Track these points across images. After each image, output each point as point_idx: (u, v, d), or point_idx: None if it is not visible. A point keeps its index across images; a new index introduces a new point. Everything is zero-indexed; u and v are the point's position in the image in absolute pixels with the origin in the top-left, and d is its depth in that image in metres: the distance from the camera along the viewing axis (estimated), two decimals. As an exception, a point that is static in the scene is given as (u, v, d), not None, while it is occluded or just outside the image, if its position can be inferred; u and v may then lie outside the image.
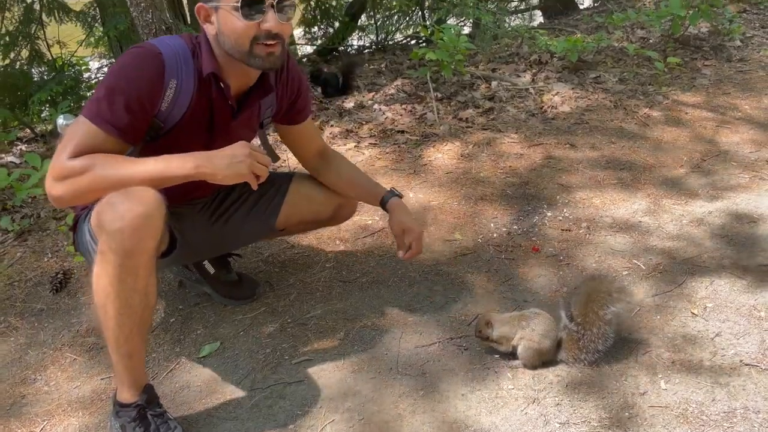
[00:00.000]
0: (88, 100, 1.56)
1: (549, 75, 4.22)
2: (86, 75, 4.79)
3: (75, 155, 1.50)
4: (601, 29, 5.16)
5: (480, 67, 4.46)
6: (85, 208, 1.76)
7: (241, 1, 1.51)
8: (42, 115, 4.35)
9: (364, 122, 3.68)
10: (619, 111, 3.68)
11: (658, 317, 1.99)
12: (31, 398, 1.86)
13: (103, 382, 1.89)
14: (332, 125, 3.66)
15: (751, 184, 2.81)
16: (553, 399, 1.71)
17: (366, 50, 5.81)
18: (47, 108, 4.26)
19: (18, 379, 1.93)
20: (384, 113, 3.78)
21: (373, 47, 5.81)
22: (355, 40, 6.13)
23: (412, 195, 2.84)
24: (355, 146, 3.38)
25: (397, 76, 4.42)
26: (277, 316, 2.12)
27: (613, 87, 4.00)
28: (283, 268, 2.39)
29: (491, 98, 3.90)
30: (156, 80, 1.57)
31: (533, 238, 2.48)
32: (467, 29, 6.07)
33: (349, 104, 3.96)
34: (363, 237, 2.55)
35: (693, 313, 2.00)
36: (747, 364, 1.77)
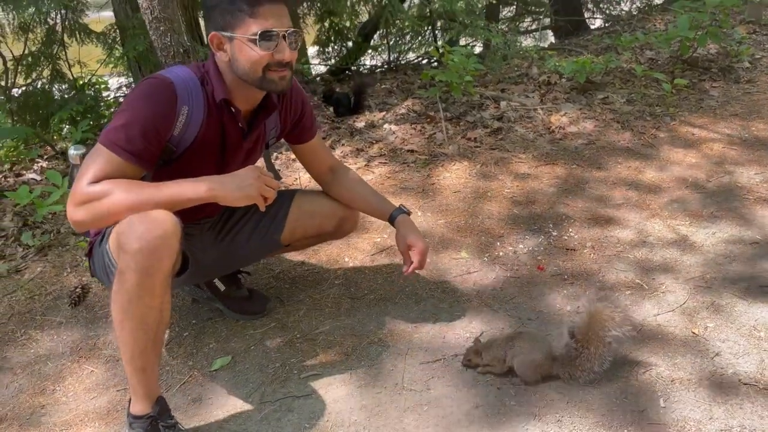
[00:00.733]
0: (104, 129, 1.66)
1: (557, 96, 4.28)
2: (105, 94, 4.93)
3: (94, 181, 1.59)
4: (610, 50, 5.22)
5: (489, 87, 4.53)
6: (98, 234, 1.86)
7: (259, 36, 1.62)
8: (62, 133, 4.47)
9: (374, 141, 3.75)
10: (626, 132, 3.73)
11: (660, 337, 2.03)
12: (50, 408, 1.92)
13: (118, 394, 1.96)
14: (343, 144, 3.74)
15: (755, 205, 2.85)
16: (554, 416, 1.75)
17: (378, 69, 5.91)
18: (68, 126, 4.39)
19: (37, 390, 2.00)
20: (394, 133, 3.85)
21: (385, 67, 5.91)
22: (367, 60, 6.25)
23: (420, 213, 2.91)
24: (365, 165, 3.46)
25: (407, 95, 4.49)
26: (287, 332, 2.18)
27: (620, 108, 4.04)
28: (294, 284, 2.45)
29: (500, 118, 3.96)
30: (169, 108, 1.68)
31: (539, 257, 2.53)
32: (479, 49, 6.16)
33: (360, 124, 4.04)
34: (372, 254, 2.62)
35: (694, 333, 2.03)
36: (745, 384, 1.81)
